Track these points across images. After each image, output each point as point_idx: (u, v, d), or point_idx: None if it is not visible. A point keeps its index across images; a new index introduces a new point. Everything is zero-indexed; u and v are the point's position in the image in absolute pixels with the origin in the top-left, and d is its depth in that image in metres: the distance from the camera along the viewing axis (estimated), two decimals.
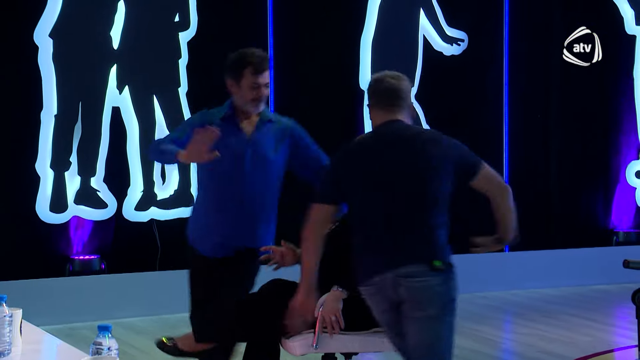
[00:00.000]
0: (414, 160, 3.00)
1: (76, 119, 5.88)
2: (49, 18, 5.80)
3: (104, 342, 2.07)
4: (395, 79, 3.15)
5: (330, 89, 6.56)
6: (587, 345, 5.17)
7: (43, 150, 5.82)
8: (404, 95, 3.14)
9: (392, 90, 3.12)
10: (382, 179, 3.00)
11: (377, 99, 3.14)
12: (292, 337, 3.31)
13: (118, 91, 5.98)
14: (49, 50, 5.80)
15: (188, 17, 6.15)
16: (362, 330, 3.36)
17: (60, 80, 5.83)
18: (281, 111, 6.46)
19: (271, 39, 6.42)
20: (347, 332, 3.35)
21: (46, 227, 5.85)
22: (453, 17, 6.83)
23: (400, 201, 2.97)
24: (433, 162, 2.98)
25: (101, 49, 5.94)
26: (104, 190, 5.96)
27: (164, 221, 6.11)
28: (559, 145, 7.06)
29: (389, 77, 3.16)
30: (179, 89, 6.14)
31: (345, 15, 6.63)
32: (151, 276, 6.06)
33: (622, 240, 7.32)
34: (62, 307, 5.76)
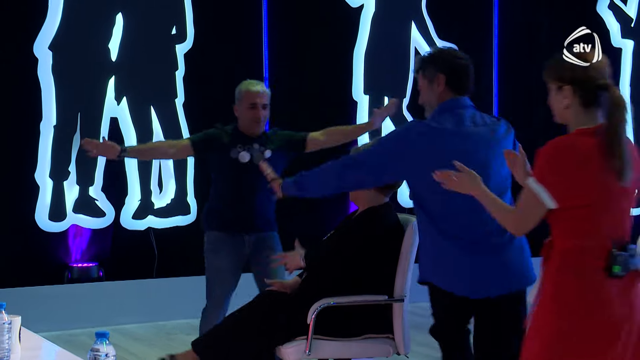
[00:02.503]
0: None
1: (75, 129, 5.95)
2: (49, 31, 5.88)
3: (101, 348, 2.07)
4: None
5: (324, 100, 6.63)
6: None
7: (42, 160, 5.89)
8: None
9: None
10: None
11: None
12: (286, 343, 3.38)
13: (116, 102, 6.06)
14: (48, 62, 5.88)
15: (185, 29, 6.24)
16: (355, 336, 3.44)
17: (60, 91, 5.91)
18: (276, 123, 6.56)
19: (266, 52, 6.50)
20: (339, 338, 3.41)
21: (45, 235, 5.90)
22: (443, 29, 6.92)
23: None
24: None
25: (100, 60, 6.01)
26: (102, 199, 6.03)
27: (161, 229, 6.17)
28: None
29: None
30: (176, 100, 6.21)
31: (338, 28, 6.71)
32: (148, 283, 6.12)
33: None
34: (61, 314, 5.82)
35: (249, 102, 4.26)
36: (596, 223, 2.50)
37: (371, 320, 3.47)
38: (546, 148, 2.54)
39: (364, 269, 3.47)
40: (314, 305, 3.34)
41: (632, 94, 7.59)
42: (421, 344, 5.27)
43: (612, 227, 2.51)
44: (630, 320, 2.49)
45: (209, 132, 4.32)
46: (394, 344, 3.50)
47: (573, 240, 2.51)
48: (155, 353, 5.27)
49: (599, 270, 2.47)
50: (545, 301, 2.53)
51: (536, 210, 2.52)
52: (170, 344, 5.47)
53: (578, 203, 2.49)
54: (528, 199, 2.55)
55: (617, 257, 2.46)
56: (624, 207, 2.55)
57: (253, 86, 4.31)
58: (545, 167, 2.51)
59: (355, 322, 3.43)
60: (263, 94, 4.29)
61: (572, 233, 2.51)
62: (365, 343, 3.44)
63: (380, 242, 3.48)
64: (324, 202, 6.58)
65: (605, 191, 2.49)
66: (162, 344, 5.52)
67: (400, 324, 3.46)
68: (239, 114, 4.32)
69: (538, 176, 2.52)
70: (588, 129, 2.54)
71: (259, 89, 4.30)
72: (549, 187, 2.49)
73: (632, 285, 2.50)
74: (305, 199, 3.72)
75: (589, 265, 2.49)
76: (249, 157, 4.18)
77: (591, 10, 7.43)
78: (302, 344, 3.36)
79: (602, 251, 2.47)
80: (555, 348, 2.48)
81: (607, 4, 7.45)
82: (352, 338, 3.43)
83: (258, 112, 4.24)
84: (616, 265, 2.46)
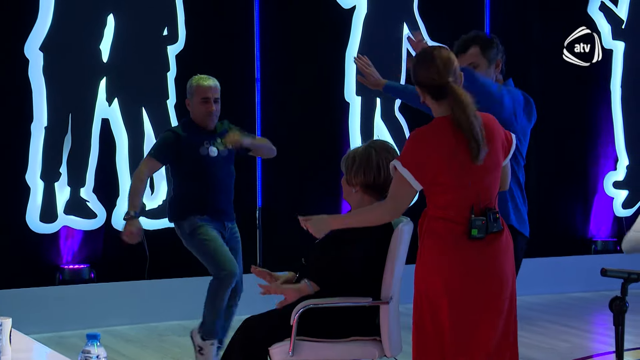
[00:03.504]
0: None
1: (66, 130, 5.94)
2: (40, 32, 5.86)
3: (92, 350, 2.08)
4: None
5: (316, 101, 6.63)
6: (566, 352, 5.24)
7: (33, 162, 5.88)
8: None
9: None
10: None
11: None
12: (274, 344, 3.36)
13: (107, 103, 6.04)
14: (39, 63, 5.86)
15: (176, 31, 6.23)
16: (340, 338, 3.41)
17: (51, 92, 5.89)
18: (269, 124, 6.57)
19: (258, 53, 6.49)
20: (324, 339, 3.40)
21: (36, 237, 5.89)
22: (435, 30, 6.93)
23: None
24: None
25: (91, 62, 6.00)
26: (94, 200, 6.02)
27: (152, 231, 6.14)
28: (538, 156, 7.15)
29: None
30: (168, 101, 6.20)
31: (330, 29, 6.70)
32: (140, 285, 6.11)
33: (600, 249, 7.42)
34: (52, 315, 5.80)
35: (200, 97, 4.53)
36: (457, 195, 2.97)
37: (358, 322, 3.45)
38: (409, 136, 3.08)
39: (353, 270, 3.45)
40: (297, 307, 3.33)
41: (623, 95, 7.61)
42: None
43: (473, 197, 2.97)
44: (492, 273, 2.99)
45: (167, 139, 4.54)
46: (381, 346, 3.47)
47: (438, 210, 3.00)
48: (147, 355, 5.26)
49: (461, 234, 2.96)
50: (418, 260, 3.06)
51: (407, 193, 3.00)
52: (162, 346, 5.47)
53: (436, 181, 2.96)
54: (399, 185, 3.01)
55: (474, 222, 2.95)
56: (487, 180, 3.01)
57: (204, 81, 4.57)
58: (409, 153, 3.01)
59: (340, 324, 3.42)
60: (215, 88, 4.56)
61: (437, 204, 3.01)
62: (350, 345, 3.42)
63: (369, 243, 3.46)
64: (317, 202, 6.61)
65: (461, 169, 2.95)
66: (154, 345, 5.51)
67: (386, 326, 3.43)
68: (191, 108, 4.60)
69: (403, 161, 2.99)
70: (445, 118, 3.03)
71: (211, 83, 4.56)
72: (413, 171, 2.97)
73: (492, 243, 2.99)
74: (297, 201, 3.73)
75: (452, 230, 2.98)
76: (216, 151, 4.50)
77: (582, 11, 7.45)
78: (287, 345, 3.35)
79: (462, 219, 2.96)
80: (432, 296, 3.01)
81: (598, 5, 7.47)
82: (337, 340, 3.41)
83: (210, 106, 4.51)
84: (474, 229, 2.95)
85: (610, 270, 2.89)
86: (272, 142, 4.78)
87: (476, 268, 2.97)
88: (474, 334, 2.99)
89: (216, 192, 4.54)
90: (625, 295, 2.80)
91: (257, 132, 6.44)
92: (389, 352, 3.47)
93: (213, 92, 4.53)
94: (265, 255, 6.48)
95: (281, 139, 5.60)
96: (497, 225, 3.00)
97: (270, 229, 6.54)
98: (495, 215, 2.98)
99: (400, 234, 3.43)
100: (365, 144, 3.63)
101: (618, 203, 7.57)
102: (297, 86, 6.58)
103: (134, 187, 4.55)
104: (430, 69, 3.02)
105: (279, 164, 6.14)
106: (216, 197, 4.55)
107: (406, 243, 3.46)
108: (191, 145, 4.51)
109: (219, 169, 4.55)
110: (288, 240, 6.29)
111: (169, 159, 4.59)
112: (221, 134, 4.58)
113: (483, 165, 2.97)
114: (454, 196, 2.97)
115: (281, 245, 6.39)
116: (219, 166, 4.55)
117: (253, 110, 6.49)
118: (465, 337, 2.99)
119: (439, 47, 3.12)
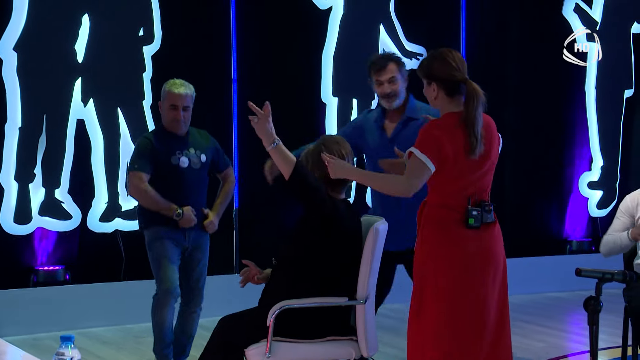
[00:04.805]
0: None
1: (41, 131, 5.90)
2: (14, 31, 5.82)
3: (66, 352, 2.08)
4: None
5: (292, 102, 6.62)
6: (541, 351, 5.27)
7: (7, 163, 5.83)
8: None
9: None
10: None
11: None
12: (250, 345, 3.37)
13: (83, 104, 6.01)
14: (13, 63, 5.82)
15: (152, 31, 6.21)
16: (317, 338, 3.41)
17: (25, 93, 5.85)
18: (246, 125, 6.55)
19: (234, 54, 6.49)
20: (300, 340, 3.40)
21: (10, 238, 5.85)
22: (412, 32, 6.96)
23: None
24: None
25: (66, 62, 5.97)
26: (69, 201, 5.98)
27: (128, 232, 6.12)
28: (513, 156, 7.20)
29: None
30: (144, 102, 6.18)
31: (307, 30, 6.71)
32: (116, 286, 6.09)
33: (575, 249, 7.49)
34: (27, 317, 5.76)
35: (169, 103, 4.48)
36: (457, 186, 3.25)
37: (333, 322, 3.46)
38: (424, 127, 3.31)
39: (325, 270, 3.44)
40: (274, 307, 3.33)
41: (598, 96, 7.68)
42: (390, 345, 5.29)
43: (471, 190, 3.27)
44: (487, 257, 3.27)
45: (143, 149, 4.48)
46: (358, 346, 3.48)
47: (439, 198, 3.29)
48: (123, 357, 5.24)
49: (459, 222, 3.25)
50: (419, 246, 3.32)
51: (423, 172, 3.22)
52: (138, 348, 5.44)
53: (443, 169, 3.22)
54: (415, 166, 3.24)
55: (471, 211, 3.24)
56: (484, 176, 3.30)
57: (176, 87, 4.50)
58: (425, 139, 3.25)
59: (316, 324, 3.42)
60: (185, 96, 4.48)
61: (438, 193, 3.30)
62: (327, 345, 3.42)
63: (340, 242, 3.45)
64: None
65: (464, 163, 3.23)
66: (130, 347, 5.48)
67: (363, 325, 3.44)
68: (162, 111, 4.56)
69: (420, 147, 3.24)
70: (455, 114, 3.29)
71: (182, 91, 4.48)
72: (429, 154, 3.22)
73: (485, 232, 3.28)
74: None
75: (450, 218, 3.26)
76: (187, 162, 4.46)
77: (557, 12, 7.51)
78: (263, 346, 3.35)
79: (460, 208, 3.25)
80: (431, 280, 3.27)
81: (573, 7, 7.54)
82: (313, 340, 3.41)
83: (177, 114, 4.46)
84: (470, 218, 3.24)
85: (584, 270, 2.92)
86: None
87: (473, 249, 3.26)
88: (473, 310, 3.27)
89: (183, 202, 4.45)
90: (600, 295, 2.83)
91: (234, 133, 6.43)
92: (365, 352, 3.47)
93: (182, 100, 4.44)
94: (241, 256, 6.46)
95: (258, 140, 5.58)
96: (490, 216, 3.31)
97: (247, 229, 6.54)
98: (489, 207, 3.29)
99: (376, 233, 3.43)
100: (315, 142, 3.65)
101: (593, 203, 7.64)
102: (273, 87, 6.58)
103: (149, 198, 4.40)
104: (451, 66, 3.33)
105: (255, 165, 6.11)
106: (182, 207, 4.46)
107: (382, 243, 3.47)
108: (163, 154, 4.46)
109: (189, 178, 4.49)
110: (264, 241, 6.29)
111: (149, 167, 4.50)
112: (194, 142, 4.53)
113: (482, 162, 3.28)
114: (455, 186, 3.26)
115: (257, 246, 6.39)
116: (189, 175, 4.49)
117: (230, 111, 6.48)
118: (465, 313, 3.27)
119: (449, 48, 3.44)
